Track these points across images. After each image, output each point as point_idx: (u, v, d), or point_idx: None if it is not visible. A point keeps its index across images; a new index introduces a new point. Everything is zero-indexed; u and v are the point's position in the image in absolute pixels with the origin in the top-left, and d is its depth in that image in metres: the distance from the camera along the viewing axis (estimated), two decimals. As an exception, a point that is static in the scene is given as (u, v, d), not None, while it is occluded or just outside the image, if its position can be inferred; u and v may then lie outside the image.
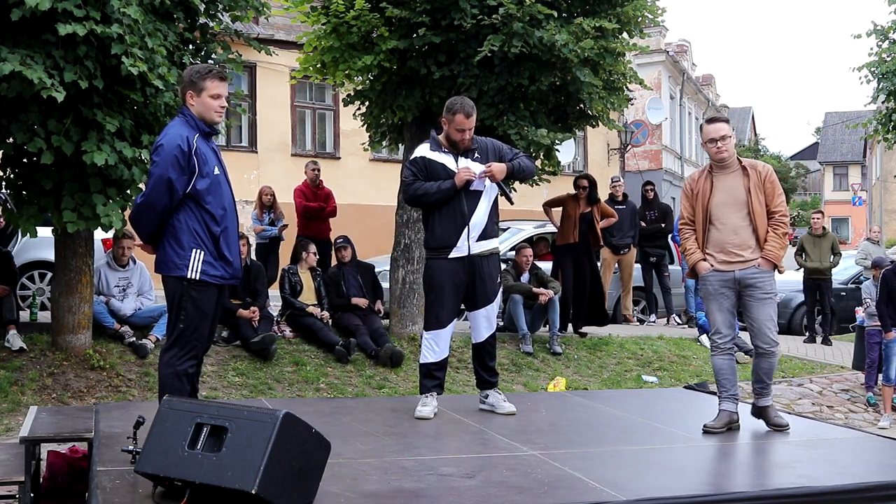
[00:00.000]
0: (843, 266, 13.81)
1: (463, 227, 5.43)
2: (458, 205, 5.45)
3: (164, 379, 4.59)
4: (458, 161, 5.51)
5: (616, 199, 12.23)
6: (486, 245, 5.55)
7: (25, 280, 9.80)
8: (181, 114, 4.64)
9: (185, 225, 4.52)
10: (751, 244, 5.34)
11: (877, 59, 12.50)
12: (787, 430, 5.31)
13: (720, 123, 5.45)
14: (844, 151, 52.73)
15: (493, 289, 5.60)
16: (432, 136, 5.67)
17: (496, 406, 5.66)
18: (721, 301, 5.44)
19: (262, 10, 8.36)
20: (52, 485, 5.20)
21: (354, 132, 15.08)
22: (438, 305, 5.54)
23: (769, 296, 5.37)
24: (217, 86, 4.57)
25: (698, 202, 5.44)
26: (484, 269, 5.54)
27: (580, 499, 3.81)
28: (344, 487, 3.83)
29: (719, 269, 5.40)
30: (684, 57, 30.97)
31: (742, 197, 5.33)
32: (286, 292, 9.26)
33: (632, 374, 9.64)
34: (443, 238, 5.47)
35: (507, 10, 8.21)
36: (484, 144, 5.65)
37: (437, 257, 5.52)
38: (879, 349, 9.56)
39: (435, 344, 5.57)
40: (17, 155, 7.16)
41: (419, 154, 5.59)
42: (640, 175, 23.62)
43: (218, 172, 4.63)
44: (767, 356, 5.42)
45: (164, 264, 4.57)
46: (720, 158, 5.38)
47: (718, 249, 5.40)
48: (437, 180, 5.46)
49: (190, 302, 4.54)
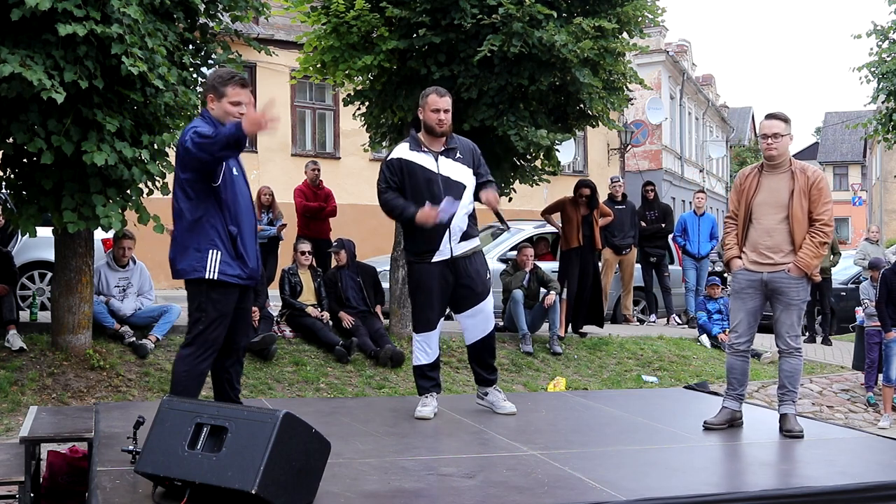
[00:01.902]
0: (843, 266, 13.82)
1: (444, 231, 5.33)
2: None
3: (179, 376, 4.62)
4: (438, 161, 5.38)
5: (616, 199, 12.22)
6: (469, 245, 5.46)
7: (25, 280, 9.79)
8: (202, 115, 4.70)
9: (203, 226, 4.55)
10: (784, 248, 5.25)
11: (877, 59, 12.49)
12: (797, 435, 5.18)
13: (775, 121, 5.30)
14: (844, 151, 52.75)
15: (483, 286, 5.51)
16: (411, 134, 5.53)
17: (495, 405, 5.61)
18: (745, 300, 5.38)
19: (262, 10, 8.36)
20: (52, 485, 5.19)
21: (354, 132, 15.09)
22: (428, 307, 5.47)
23: (796, 303, 5.28)
24: (238, 93, 4.63)
25: (742, 198, 5.38)
26: (470, 268, 5.46)
27: (580, 499, 3.81)
28: (344, 487, 3.83)
29: (749, 269, 5.34)
30: (684, 57, 30.99)
31: (784, 199, 5.23)
32: (286, 293, 9.25)
33: (632, 374, 9.64)
34: (425, 243, 5.38)
35: (506, 10, 8.21)
36: (465, 145, 5.54)
37: (420, 261, 5.43)
38: (879, 349, 9.55)
39: (427, 346, 5.51)
40: (17, 155, 7.16)
41: (396, 155, 5.44)
42: (640, 175, 23.63)
43: (236, 173, 4.68)
44: (788, 356, 5.36)
45: (184, 269, 4.59)
46: (769, 156, 5.30)
47: (752, 249, 5.34)
48: (414, 182, 5.33)
49: (210, 303, 4.58)
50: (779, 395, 5.44)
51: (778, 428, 5.31)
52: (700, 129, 34.26)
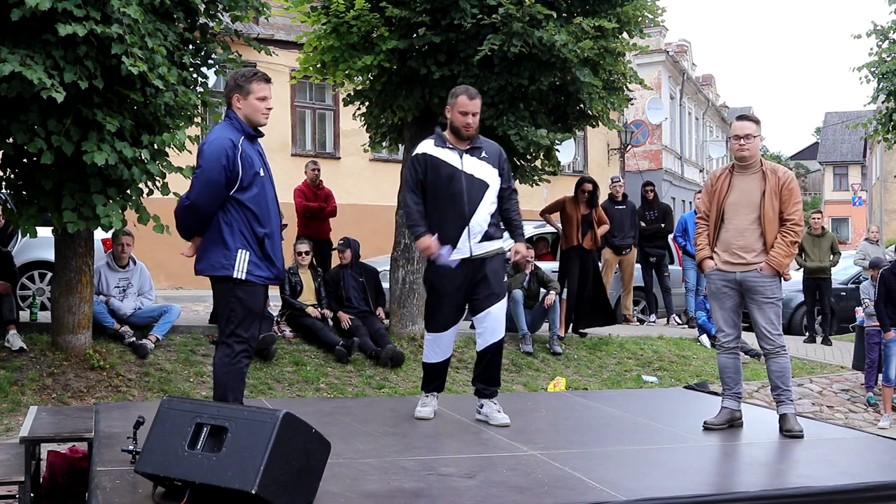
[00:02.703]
0: (843, 266, 13.82)
1: (463, 228, 5.23)
2: (458, 205, 5.24)
3: (222, 378, 4.64)
4: (463, 158, 5.30)
5: (616, 199, 12.22)
6: (489, 246, 5.32)
7: (25, 280, 9.79)
8: (227, 117, 4.73)
9: (232, 226, 4.57)
10: (756, 248, 5.29)
11: (877, 59, 12.49)
12: (797, 435, 5.18)
13: (747, 122, 5.37)
14: (844, 151, 52.72)
15: (498, 289, 5.34)
16: (437, 131, 5.45)
17: (490, 417, 5.39)
18: (723, 300, 5.43)
19: (262, 10, 8.36)
20: (52, 485, 5.20)
21: (354, 132, 15.08)
22: (438, 310, 5.37)
23: (770, 301, 5.31)
24: (262, 88, 4.69)
25: (714, 199, 5.41)
26: (488, 269, 5.30)
27: (580, 499, 3.81)
28: (344, 487, 3.84)
29: (722, 269, 5.39)
30: (684, 57, 30.99)
31: (756, 200, 5.28)
32: (286, 293, 9.25)
33: (632, 374, 9.64)
34: (442, 239, 5.23)
35: (506, 9, 8.21)
36: (490, 147, 5.44)
37: None
38: (879, 349, 9.56)
39: (436, 346, 5.43)
40: (17, 155, 7.16)
41: (421, 150, 5.37)
42: (640, 175, 23.63)
43: (263, 174, 4.71)
44: (773, 356, 5.38)
45: (211, 265, 4.61)
46: (740, 157, 5.35)
47: (724, 249, 5.38)
48: (437, 178, 5.26)
49: (238, 302, 4.59)
50: (774, 397, 5.46)
51: (778, 428, 5.32)
52: (700, 129, 34.28)
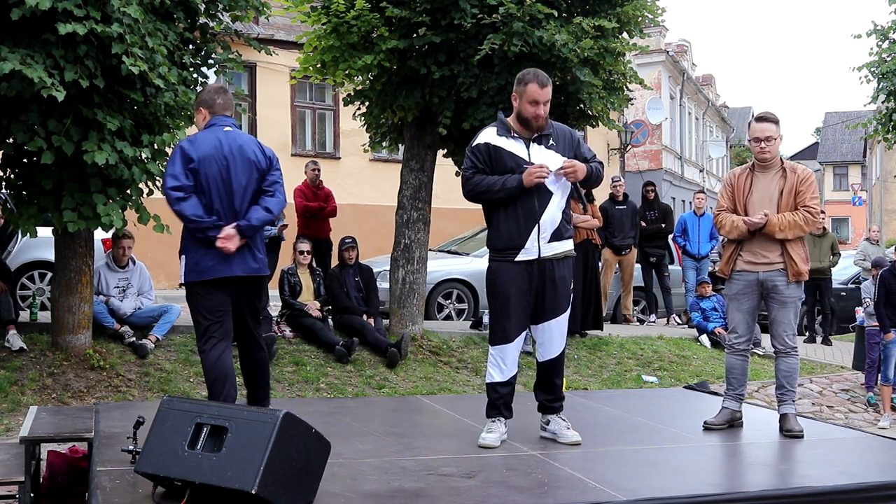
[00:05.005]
0: (843, 266, 13.83)
1: (532, 226, 4.70)
2: (527, 200, 4.69)
3: (205, 376, 4.98)
4: (530, 148, 4.74)
5: (617, 199, 12.22)
6: (559, 247, 4.82)
7: (25, 280, 9.79)
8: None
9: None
10: (778, 246, 5.28)
11: (877, 59, 12.49)
12: (797, 435, 5.17)
13: (767, 123, 5.35)
14: (844, 151, 52.72)
15: (565, 296, 4.87)
16: (500, 118, 4.84)
17: (558, 435, 4.92)
18: (742, 302, 5.43)
19: (262, 10, 8.36)
20: (52, 485, 5.20)
21: (354, 132, 15.07)
22: (504, 317, 4.80)
23: (791, 300, 5.32)
24: None
25: (736, 198, 5.41)
26: (556, 274, 4.80)
27: (580, 499, 3.81)
28: (344, 487, 3.84)
29: (744, 270, 5.37)
30: (684, 57, 30.98)
31: (776, 197, 5.29)
32: (286, 293, 9.25)
33: (632, 374, 9.63)
34: (509, 238, 4.72)
35: (507, 9, 8.21)
36: (561, 131, 4.86)
37: (502, 259, 4.78)
38: (879, 349, 9.56)
39: (501, 361, 4.84)
40: (17, 155, 7.15)
41: (483, 140, 4.78)
42: (640, 175, 23.63)
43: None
44: (784, 356, 5.38)
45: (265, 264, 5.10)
46: (762, 159, 5.34)
47: (746, 248, 5.37)
48: (502, 170, 4.69)
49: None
50: (777, 396, 5.45)
51: (778, 428, 5.31)
52: (700, 129, 34.26)
